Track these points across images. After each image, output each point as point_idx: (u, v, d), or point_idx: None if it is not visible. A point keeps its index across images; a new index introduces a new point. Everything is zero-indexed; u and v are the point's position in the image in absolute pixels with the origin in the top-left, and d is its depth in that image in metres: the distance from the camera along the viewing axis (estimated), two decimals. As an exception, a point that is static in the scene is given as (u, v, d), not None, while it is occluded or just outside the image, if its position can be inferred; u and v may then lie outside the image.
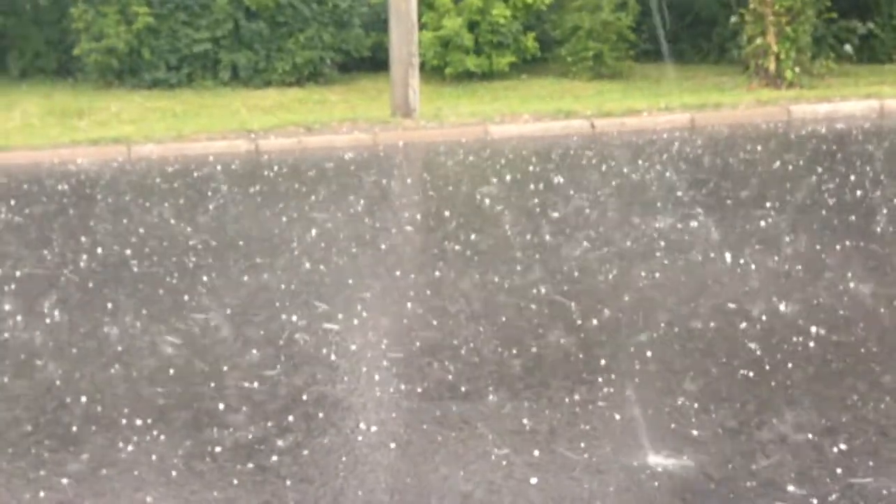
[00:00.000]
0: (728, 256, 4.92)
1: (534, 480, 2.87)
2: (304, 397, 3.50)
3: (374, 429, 3.25)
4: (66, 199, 6.85)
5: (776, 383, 3.49)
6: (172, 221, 6.10)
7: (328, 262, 5.13)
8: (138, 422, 3.34)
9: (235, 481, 2.93)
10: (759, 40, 10.40)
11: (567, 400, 3.41)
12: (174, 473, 2.99)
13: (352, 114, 9.58)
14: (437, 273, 4.90)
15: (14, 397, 3.59)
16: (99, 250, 5.49)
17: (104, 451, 3.14)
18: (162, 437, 3.23)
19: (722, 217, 5.78)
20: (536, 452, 3.04)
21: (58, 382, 3.71)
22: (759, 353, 3.75)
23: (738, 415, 3.26)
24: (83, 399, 3.54)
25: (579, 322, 4.14)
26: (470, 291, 4.60)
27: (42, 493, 2.89)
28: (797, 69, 10.38)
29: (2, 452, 3.17)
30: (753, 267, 4.80)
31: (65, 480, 2.97)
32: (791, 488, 2.78)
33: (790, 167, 7.19)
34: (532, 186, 6.76)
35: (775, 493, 2.76)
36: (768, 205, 5.98)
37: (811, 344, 3.82)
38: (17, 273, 5.13)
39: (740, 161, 7.45)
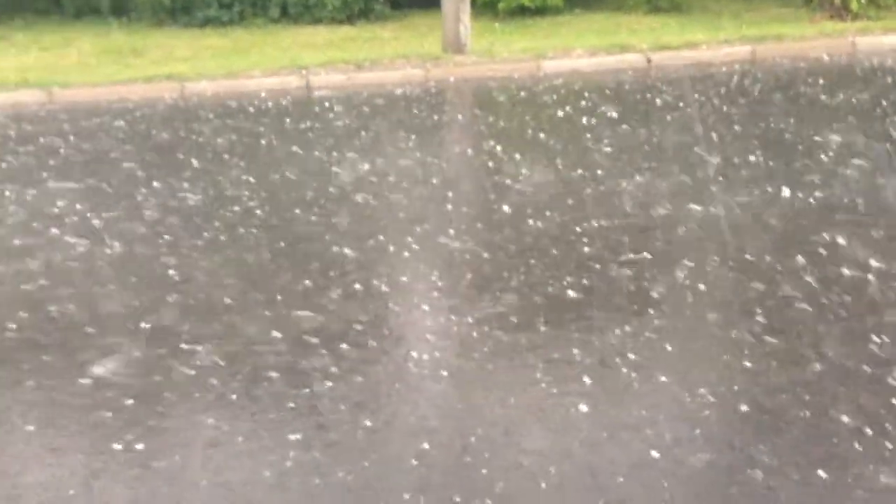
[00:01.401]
0: (786, 191, 4.83)
1: (583, 408, 2.90)
2: (357, 327, 3.56)
3: (425, 357, 3.30)
4: (122, 135, 6.96)
5: (833, 316, 3.45)
6: (226, 156, 6.17)
7: (380, 197, 5.16)
8: (198, 348, 3.43)
9: (291, 405, 3.01)
10: (823, -30, 10.03)
11: (617, 331, 3.41)
12: (233, 397, 3.07)
13: (403, 50, 9.51)
14: (488, 207, 4.90)
15: (77, 323, 3.72)
16: (155, 184, 5.59)
17: (166, 374, 3.24)
18: (221, 362, 3.32)
19: (781, 152, 5.65)
20: (587, 380, 3.06)
21: (120, 309, 3.82)
22: (815, 286, 3.70)
23: (793, 347, 3.23)
24: (143, 325, 3.65)
25: (631, 255, 4.12)
26: (521, 225, 4.59)
27: (108, 414, 3.01)
28: (863, 0, 9.99)
29: (68, 374, 3.29)
30: (812, 202, 4.70)
31: (130, 401, 3.08)
32: (845, 419, 2.76)
33: (854, 101, 6.97)
34: (585, 121, 6.67)
35: (828, 424, 2.75)
36: (831, 139, 5.83)
37: (870, 278, 3.75)
38: (78, 206, 5.25)
39: (802, 95, 7.25)
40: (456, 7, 9.24)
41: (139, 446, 2.82)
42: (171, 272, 4.20)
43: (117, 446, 2.82)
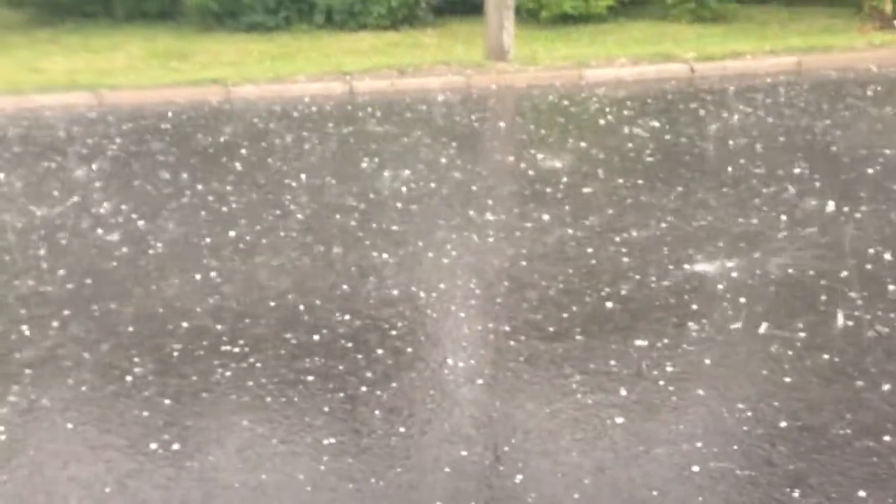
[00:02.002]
0: (831, 206, 4.75)
1: (619, 420, 2.87)
2: (394, 332, 3.57)
3: (461, 365, 3.29)
4: (168, 137, 7.06)
5: (875, 333, 3.38)
6: (269, 160, 6.22)
7: (420, 202, 5.17)
8: (235, 350, 3.46)
9: (326, 409, 3.02)
10: (874, -20, 9.86)
11: (655, 343, 3.38)
12: (268, 399, 3.10)
13: (446, 57, 9.53)
14: (528, 215, 4.88)
15: (118, 323, 3.77)
16: (199, 186, 5.66)
17: (203, 375, 3.28)
18: (258, 364, 3.35)
19: (826, 166, 5.56)
20: (623, 392, 3.03)
21: (160, 310, 3.87)
22: (859, 302, 3.63)
23: (834, 364, 3.17)
24: (184, 324, 3.69)
25: (671, 267, 4.08)
26: (561, 234, 4.57)
27: (146, 413, 3.05)
28: (914, 11, 9.81)
29: (108, 373, 3.34)
30: (858, 216, 4.62)
31: (167, 401, 3.11)
32: (887, 438, 2.70)
33: (902, 114, 6.83)
34: (626, 130, 6.62)
35: (868, 444, 2.69)
36: (878, 152, 5.72)
37: (916, 295, 3.68)
38: (124, 207, 5.33)
39: (849, 106, 7.12)
40: (499, 14, 9.24)
41: (175, 446, 2.85)
42: (212, 274, 4.24)
43: (153, 445, 2.85)
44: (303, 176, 5.80)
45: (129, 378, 3.30)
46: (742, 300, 3.70)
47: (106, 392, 3.21)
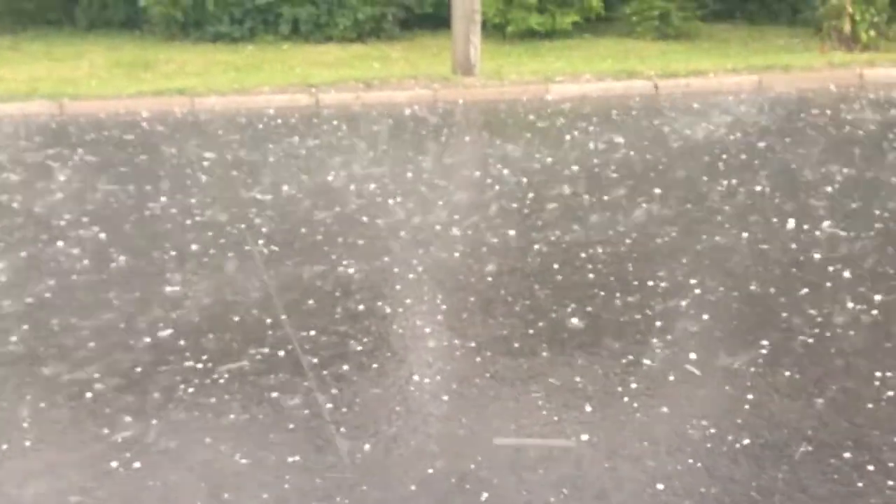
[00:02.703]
0: (791, 223, 4.82)
1: (584, 437, 2.88)
2: (359, 348, 3.55)
3: (427, 381, 3.29)
4: (131, 148, 6.98)
5: (835, 350, 3.43)
6: (234, 172, 6.18)
7: (385, 217, 5.16)
8: (199, 365, 3.42)
9: (290, 426, 3.00)
10: (834, 0, 10.06)
11: (621, 360, 3.40)
12: (232, 416, 3.06)
13: (412, 70, 9.54)
14: (494, 230, 4.89)
15: (78, 338, 3.71)
16: (162, 199, 5.60)
17: (166, 392, 3.23)
18: (221, 380, 3.31)
19: (784, 182, 5.65)
20: (588, 409, 3.05)
21: (121, 325, 3.82)
22: (819, 320, 3.69)
23: (795, 381, 3.22)
24: (146, 339, 3.64)
25: (635, 283, 4.11)
26: (526, 249, 4.59)
27: (106, 430, 3.00)
28: (872, 32, 10.02)
29: (68, 389, 3.28)
30: (818, 234, 4.70)
31: (128, 418, 3.06)
32: (847, 455, 2.74)
33: (860, 132, 6.97)
34: (592, 145, 6.68)
35: (830, 461, 2.73)
36: (835, 170, 5.83)
37: (874, 312, 3.74)
38: (85, 219, 5.26)
39: (808, 125, 7.25)
40: (466, 29, 9.28)
41: (136, 464, 2.80)
42: (172, 288, 4.20)
43: (114, 464, 2.81)
44: (268, 189, 5.76)
45: (89, 394, 3.24)
46: (705, 317, 3.74)
47: (65, 409, 3.16)
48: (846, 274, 4.14)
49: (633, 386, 3.20)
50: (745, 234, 4.71)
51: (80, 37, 12.01)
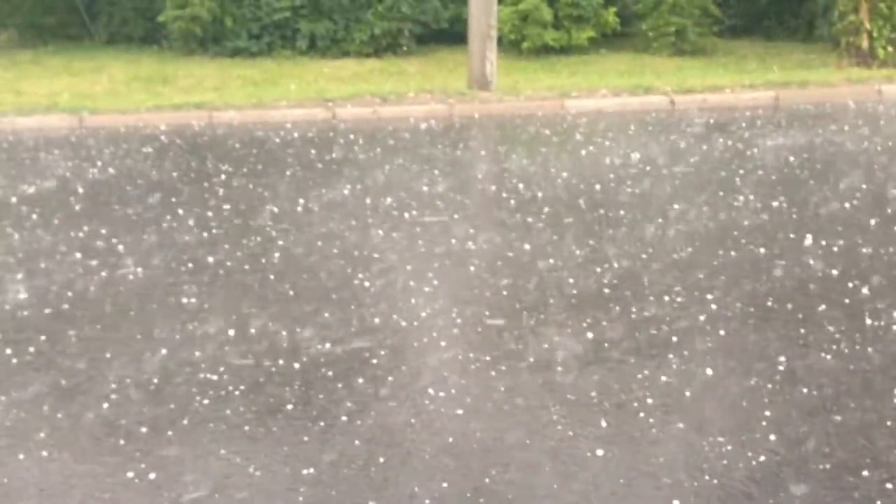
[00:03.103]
0: (808, 239, 4.80)
1: (599, 452, 2.86)
2: (374, 361, 3.55)
3: (441, 394, 3.28)
4: (149, 162, 7.03)
5: (854, 367, 3.41)
6: (251, 186, 6.21)
7: (402, 231, 5.17)
8: (214, 377, 3.43)
9: (305, 438, 3.00)
10: (851, 17, 10.04)
11: (636, 375, 3.38)
12: (246, 428, 3.07)
13: (428, 85, 9.58)
14: (510, 244, 4.89)
15: (95, 349, 3.73)
16: (180, 211, 5.63)
17: (182, 404, 3.24)
18: (236, 392, 3.31)
19: (802, 200, 5.62)
20: (603, 424, 3.03)
21: (138, 336, 3.83)
22: (836, 336, 3.66)
23: (812, 398, 3.19)
24: (163, 351, 3.65)
25: (651, 298, 4.09)
26: (543, 264, 4.58)
27: (122, 442, 3.01)
28: (890, 48, 9.99)
29: (84, 400, 3.30)
30: (836, 250, 4.67)
31: (144, 429, 3.07)
32: (865, 473, 2.71)
33: (879, 148, 6.94)
34: (607, 160, 6.68)
35: (848, 479, 2.70)
36: (853, 187, 5.80)
37: (894, 328, 3.71)
38: (103, 231, 5.29)
39: (826, 141, 7.22)
40: (482, 44, 9.32)
41: (151, 476, 2.81)
42: (190, 300, 4.21)
43: (130, 474, 2.81)
44: (285, 202, 5.78)
45: (105, 405, 3.26)
46: (722, 332, 3.72)
47: (82, 419, 3.17)
48: (864, 290, 4.11)
49: (650, 401, 3.18)
50: (762, 250, 4.69)
51: (99, 51, 12.13)
